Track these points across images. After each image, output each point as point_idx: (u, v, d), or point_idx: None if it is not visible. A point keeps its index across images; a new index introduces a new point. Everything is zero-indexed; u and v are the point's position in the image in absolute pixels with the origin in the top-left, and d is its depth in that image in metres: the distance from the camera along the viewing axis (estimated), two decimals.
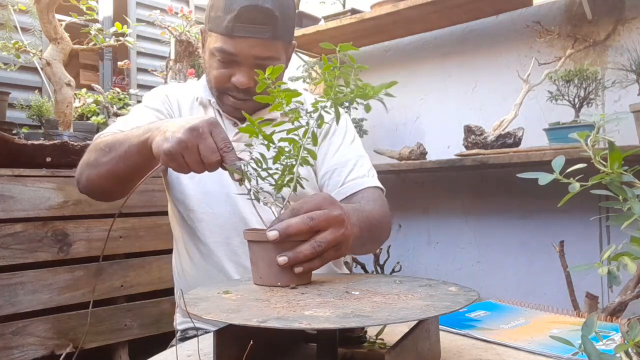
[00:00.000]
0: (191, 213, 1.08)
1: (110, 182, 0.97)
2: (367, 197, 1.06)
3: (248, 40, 1.00)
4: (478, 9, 2.01)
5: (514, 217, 2.03)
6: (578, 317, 0.87)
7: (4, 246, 1.48)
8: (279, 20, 1.00)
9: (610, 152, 0.48)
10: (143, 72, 2.90)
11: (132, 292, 1.76)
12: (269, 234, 0.67)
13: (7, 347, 1.48)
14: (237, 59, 1.02)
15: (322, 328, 0.50)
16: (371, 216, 0.96)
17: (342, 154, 1.12)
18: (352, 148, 1.14)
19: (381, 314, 0.54)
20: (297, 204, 0.73)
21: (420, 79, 2.30)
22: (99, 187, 1.00)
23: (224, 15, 1.00)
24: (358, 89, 0.68)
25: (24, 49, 1.95)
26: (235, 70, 1.04)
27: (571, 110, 1.70)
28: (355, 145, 1.16)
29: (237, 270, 1.06)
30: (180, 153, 0.75)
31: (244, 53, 1.01)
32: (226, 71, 1.05)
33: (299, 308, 0.57)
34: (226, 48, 1.01)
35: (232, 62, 1.03)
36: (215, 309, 0.57)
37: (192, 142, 0.74)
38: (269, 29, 1.00)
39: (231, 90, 1.06)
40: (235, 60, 1.03)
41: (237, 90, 1.05)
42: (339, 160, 1.11)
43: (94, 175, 0.98)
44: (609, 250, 0.48)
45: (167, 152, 0.76)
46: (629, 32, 1.79)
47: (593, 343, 0.42)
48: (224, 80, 1.06)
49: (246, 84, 1.03)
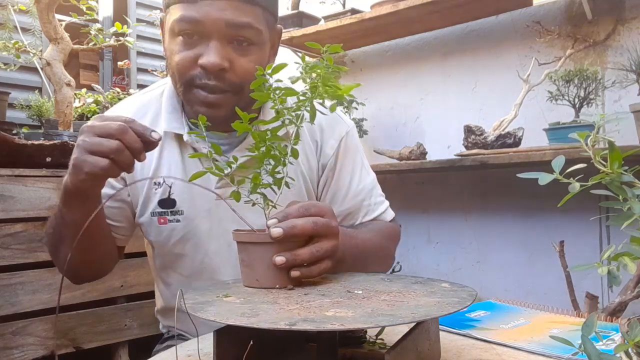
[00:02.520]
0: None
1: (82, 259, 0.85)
2: (370, 226, 0.98)
3: (215, 1, 0.79)
4: (478, 9, 2.01)
5: (514, 217, 2.03)
6: (578, 317, 0.87)
7: (4, 246, 1.48)
8: None
9: (610, 152, 0.48)
10: (143, 72, 2.90)
11: (132, 292, 1.76)
12: (273, 231, 0.65)
13: (7, 347, 1.48)
14: (203, 30, 0.81)
15: (355, 328, 0.50)
16: (362, 245, 0.88)
17: (352, 192, 0.99)
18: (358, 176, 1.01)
19: (403, 312, 0.54)
20: (301, 204, 0.70)
21: (420, 79, 2.30)
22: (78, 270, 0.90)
23: None
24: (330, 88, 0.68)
25: (24, 49, 1.95)
26: (202, 48, 0.82)
27: (571, 110, 1.70)
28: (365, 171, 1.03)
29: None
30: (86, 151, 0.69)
31: (211, 18, 0.80)
32: (191, 52, 0.82)
33: (314, 309, 0.56)
34: (188, 14, 0.80)
35: (198, 37, 0.82)
36: (229, 313, 0.56)
37: (90, 138, 0.69)
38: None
39: (199, 77, 0.83)
40: (202, 32, 0.81)
41: (207, 75, 0.82)
42: (351, 205, 0.99)
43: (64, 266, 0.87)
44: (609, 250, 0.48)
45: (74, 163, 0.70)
46: (629, 32, 1.79)
47: (593, 343, 0.42)
48: (188, 64, 0.83)
49: (217, 63, 0.81)
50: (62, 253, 0.86)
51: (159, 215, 0.93)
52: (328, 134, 0.99)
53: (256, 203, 0.72)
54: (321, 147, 0.99)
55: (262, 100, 0.70)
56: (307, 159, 0.98)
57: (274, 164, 0.71)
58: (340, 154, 0.99)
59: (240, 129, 0.69)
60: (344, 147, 1.00)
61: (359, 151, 1.03)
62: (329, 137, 0.99)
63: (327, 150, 0.99)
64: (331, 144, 0.99)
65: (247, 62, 0.84)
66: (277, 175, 0.73)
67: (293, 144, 0.72)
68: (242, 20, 0.81)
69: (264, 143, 0.69)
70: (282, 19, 2.40)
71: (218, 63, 0.81)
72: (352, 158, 1.01)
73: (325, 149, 0.99)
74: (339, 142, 0.99)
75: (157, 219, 0.93)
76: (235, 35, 0.83)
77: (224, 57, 0.82)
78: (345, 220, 1.00)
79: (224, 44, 0.82)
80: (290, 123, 0.71)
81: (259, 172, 0.72)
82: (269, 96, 0.69)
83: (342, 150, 1.00)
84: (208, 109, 0.84)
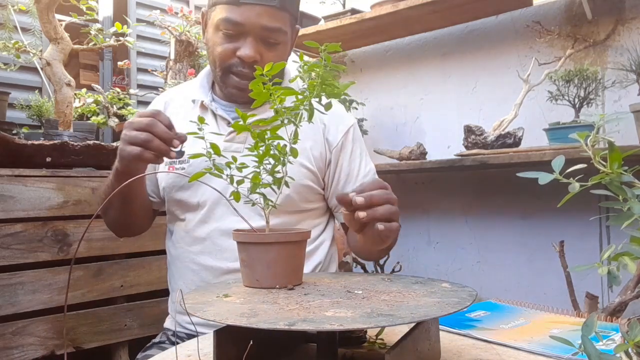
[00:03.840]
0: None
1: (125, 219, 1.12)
2: None
3: (255, 7, 0.99)
4: (478, 9, 2.01)
5: (514, 217, 2.03)
6: (578, 317, 0.87)
7: (4, 246, 1.48)
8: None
9: (610, 152, 0.48)
10: (143, 72, 2.90)
11: (132, 292, 1.76)
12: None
13: (7, 347, 1.48)
14: (243, 29, 1.00)
15: (354, 328, 0.50)
16: None
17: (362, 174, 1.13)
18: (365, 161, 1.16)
19: (403, 312, 0.54)
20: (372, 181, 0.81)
21: (420, 79, 2.30)
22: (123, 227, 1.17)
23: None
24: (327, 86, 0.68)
25: (24, 49, 1.94)
26: (240, 43, 1.01)
27: (571, 110, 1.69)
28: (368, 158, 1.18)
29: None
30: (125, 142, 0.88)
31: (251, 21, 0.99)
32: (231, 45, 1.02)
33: (314, 309, 0.56)
34: (232, 17, 0.99)
35: (237, 34, 1.01)
36: (228, 313, 0.56)
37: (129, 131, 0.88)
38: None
39: (236, 66, 1.03)
40: (242, 31, 1.01)
41: (242, 65, 1.03)
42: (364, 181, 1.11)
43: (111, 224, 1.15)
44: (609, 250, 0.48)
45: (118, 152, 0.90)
46: (629, 32, 1.79)
47: (593, 343, 0.42)
48: (228, 55, 1.03)
49: (252, 56, 1.01)
50: (109, 215, 1.11)
51: (169, 164, 1.09)
52: (337, 120, 1.12)
53: (256, 203, 0.72)
54: (332, 129, 1.12)
55: (262, 99, 0.70)
56: (313, 135, 1.09)
57: (274, 164, 0.72)
58: (350, 139, 1.13)
59: (240, 129, 0.70)
60: (353, 135, 1.14)
61: (362, 142, 1.19)
62: (338, 123, 1.13)
63: (333, 132, 1.11)
64: (341, 128, 1.12)
65: (274, 57, 1.03)
66: (277, 175, 0.73)
67: (292, 143, 0.72)
68: (275, 25, 1.02)
69: (264, 142, 0.69)
70: None
71: (252, 55, 1.01)
72: (360, 145, 1.16)
73: (337, 130, 1.12)
74: (348, 127, 1.14)
75: (167, 167, 1.10)
76: (268, 36, 1.02)
77: (257, 51, 1.01)
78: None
79: (258, 41, 1.02)
80: (289, 122, 0.71)
81: (259, 172, 0.72)
82: (268, 96, 0.69)
83: (351, 135, 1.14)
84: (239, 92, 1.06)
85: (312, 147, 1.09)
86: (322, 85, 0.68)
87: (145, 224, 1.20)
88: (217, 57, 1.05)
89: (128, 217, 1.11)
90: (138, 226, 1.18)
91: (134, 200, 1.07)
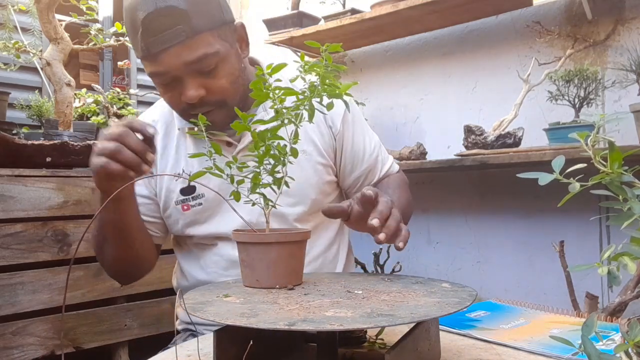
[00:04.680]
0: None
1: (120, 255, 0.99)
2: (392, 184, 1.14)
3: (168, 51, 0.89)
4: (478, 9, 2.01)
5: (514, 217, 2.03)
6: (578, 317, 0.87)
7: (4, 246, 1.48)
8: (190, 12, 0.87)
9: (610, 152, 0.48)
10: (143, 72, 2.88)
11: (132, 292, 1.76)
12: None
13: (7, 347, 1.48)
14: (172, 75, 0.92)
15: (354, 328, 0.51)
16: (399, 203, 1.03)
17: (368, 152, 1.13)
18: (368, 137, 1.15)
19: (402, 312, 0.54)
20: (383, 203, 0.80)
21: (420, 79, 2.29)
22: (121, 267, 1.04)
23: (135, 37, 0.91)
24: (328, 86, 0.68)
25: (24, 49, 1.94)
26: (179, 87, 0.94)
27: (571, 110, 1.69)
28: (370, 132, 1.17)
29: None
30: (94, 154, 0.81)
31: (173, 66, 0.90)
32: (174, 93, 0.95)
33: (314, 309, 0.56)
34: (155, 70, 0.93)
35: (171, 80, 0.93)
36: (229, 313, 0.56)
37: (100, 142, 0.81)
38: (183, 28, 0.87)
39: (189, 109, 0.95)
40: (172, 77, 0.93)
41: (192, 107, 0.94)
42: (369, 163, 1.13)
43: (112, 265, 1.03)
44: (609, 250, 0.48)
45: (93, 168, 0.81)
46: (629, 32, 1.79)
47: (593, 343, 0.42)
48: (177, 102, 0.96)
49: (195, 96, 0.92)
50: (106, 252, 1.00)
51: (182, 202, 1.04)
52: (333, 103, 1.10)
53: (256, 203, 0.72)
54: (331, 116, 1.07)
55: (261, 100, 0.70)
56: (317, 126, 1.06)
57: (274, 164, 0.72)
58: (349, 122, 1.10)
59: (240, 129, 0.70)
60: (352, 114, 1.10)
61: (360, 115, 1.16)
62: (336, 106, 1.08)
63: (336, 117, 1.08)
64: (338, 111, 1.07)
65: (219, 80, 0.95)
66: (277, 175, 0.73)
67: (292, 143, 0.72)
68: (196, 56, 0.90)
69: (264, 142, 0.69)
70: (282, 19, 2.40)
71: (195, 96, 0.93)
72: (360, 123, 1.13)
73: (334, 117, 1.08)
74: (345, 109, 1.07)
75: (180, 207, 1.03)
76: (199, 68, 0.92)
77: (198, 87, 0.93)
78: (367, 177, 1.13)
79: (194, 76, 0.92)
80: (289, 122, 0.71)
81: (259, 172, 0.72)
82: (268, 96, 0.69)
83: (350, 117, 1.09)
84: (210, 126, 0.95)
85: (320, 141, 1.07)
86: (323, 85, 0.68)
87: (150, 258, 1.08)
88: (169, 105, 1.00)
89: (127, 250, 0.98)
90: (141, 261, 1.05)
91: (129, 228, 0.96)
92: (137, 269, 1.07)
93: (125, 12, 0.92)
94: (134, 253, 1.00)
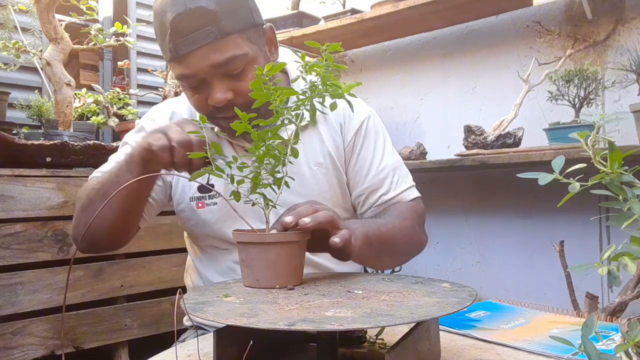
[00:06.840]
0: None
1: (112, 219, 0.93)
2: (391, 212, 1.03)
3: (196, 52, 0.87)
4: (478, 9, 2.01)
5: (514, 217, 2.03)
6: (578, 317, 0.87)
7: (4, 246, 1.48)
8: (219, 13, 0.86)
9: (610, 152, 0.48)
10: (143, 72, 2.90)
11: (132, 292, 1.76)
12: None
13: (7, 347, 1.48)
14: (200, 78, 0.91)
15: (354, 328, 0.51)
16: (383, 228, 0.94)
17: (373, 171, 1.06)
18: (379, 155, 1.07)
19: (402, 312, 0.54)
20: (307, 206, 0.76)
21: (420, 79, 2.30)
22: (100, 232, 0.95)
23: (163, 39, 0.90)
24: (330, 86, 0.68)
25: (24, 49, 1.94)
26: (207, 90, 0.92)
27: (571, 110, 1.69)
28: (388, 151, 1.09)
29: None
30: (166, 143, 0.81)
31: (201, 68, 0.89)
32: (201, 96, 0.93)
33: (314, 309, 0.56)
34: (183, 72, 0.91)
35: (199, 84, 0.92)
36: (228, 313, 0.56)
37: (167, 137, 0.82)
38: (212, 29, 0.86)
39: (215, 113, 0.93)
40: (200, 80, 0.91)
41: (220, 110, 0.92)
42: (373, 183, 1.06)
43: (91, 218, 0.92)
44: (609, 250, 0.48)
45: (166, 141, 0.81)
46: (629, 32, 1.79)
47: (593, 343, 0.42)
48: (203, 106, 0.94)
49: (223, 99, 0.91)
50: (96, 211, 0.91)
51: (197, 200, 1.03)
52: (351, 116, 1.07)
53: (256, 203, 0.72)
54: (346, 128, 1.07)
55: (262, 100, 0.70)
56: (333, 140, 1.05)
57: (274, 164, 0.72)
58: (361, 135, 1.07)
59: (240, 129, 0.70)
60: (365, 129, 1.07)
61: (380, 134, 1.10)
62: (352, 118, 1.07)
63: (350, 130, 1.07)
64: (353, 124, 1.07)
65: (248, 83, 0.89)
66: (277, 175, 0.73)
67: (293, 144, 0.72)
68: (225, 58, 0.88)
69: (264, 143, 0.70)
70: (282, 19, 2.40)
71: (222, 99, 0.90)
72: (374, 139, 1.08)
73: (349, 129, 1.06)
74: (360, 123, 1.07)
75: (195, 204, 1.03)
76: (227, 70, 0.90)
77: (225, 90, 0.91)
78: (368, 197, 1.07)
79: (222, 79, 0.91)
80: (289, 122, 0.71)
81: (259, 172, 0.72)
82: (268, 96, 0.69)
83: (363, 131, 1.07)
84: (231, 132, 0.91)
85: (336, 154, 1.05)
86: (323, 85, 0.68)
87: (129, 237, 1.05)
88: (195, 108, 0.98)
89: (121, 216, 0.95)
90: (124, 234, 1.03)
91: (138, 200, 0.96)
92: (114, 241, 1.03)
93: (154, 15, 0.92)
94: (124, 225, 0.99)
